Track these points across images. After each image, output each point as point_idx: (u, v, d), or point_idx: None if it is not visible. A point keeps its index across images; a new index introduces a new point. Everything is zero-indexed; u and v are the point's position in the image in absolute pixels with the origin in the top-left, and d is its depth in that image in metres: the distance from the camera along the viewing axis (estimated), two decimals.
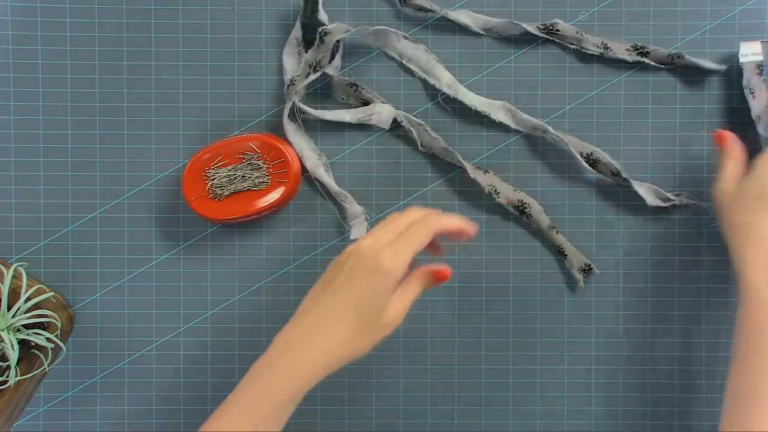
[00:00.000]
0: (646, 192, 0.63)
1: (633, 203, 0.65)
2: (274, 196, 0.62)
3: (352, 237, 0.64)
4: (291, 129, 0.64)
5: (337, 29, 0.62)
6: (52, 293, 0.62)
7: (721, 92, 0.65)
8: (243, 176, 0.62)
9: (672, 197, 0.63)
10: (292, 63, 0.64)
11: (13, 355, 0.58)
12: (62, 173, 0.65)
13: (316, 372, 0.50)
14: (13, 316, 0.59)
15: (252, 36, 0.65)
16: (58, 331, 0.61)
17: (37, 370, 0.61)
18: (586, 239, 0.65)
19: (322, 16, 0.63)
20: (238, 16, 0.65)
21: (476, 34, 0.65)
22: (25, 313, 0.60)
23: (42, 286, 0.62)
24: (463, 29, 0.65)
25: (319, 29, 0.62)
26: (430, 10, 0.64)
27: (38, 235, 0.65)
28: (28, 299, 0.59)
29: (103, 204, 0.66)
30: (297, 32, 0.64)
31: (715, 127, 0.64)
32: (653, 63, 0.64)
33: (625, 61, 0.64)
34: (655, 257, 0.65)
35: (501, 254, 0.65)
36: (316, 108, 0.64)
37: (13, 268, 0.60)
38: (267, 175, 0.62)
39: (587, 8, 0.65)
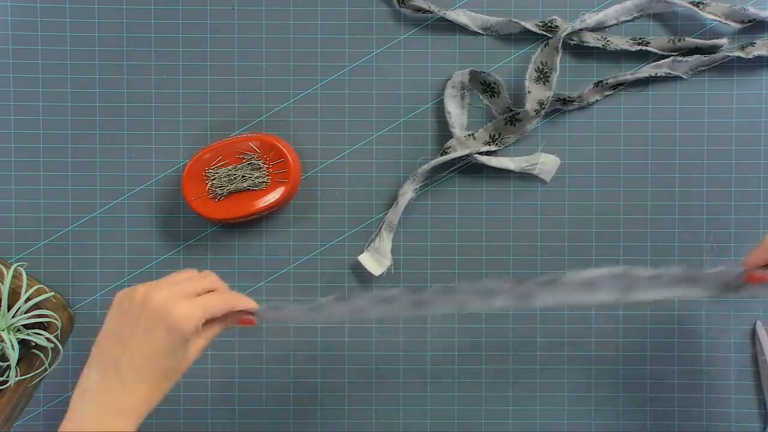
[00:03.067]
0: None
1: (633, 203, 0.65)
2: (274, 196, 0.62)
3: (361, 260, 0.64)
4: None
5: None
6: (52, 293, 0.62)
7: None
8: (243, 176, 0.62)
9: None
10: (454, 107, 0.64)
11: (13, 355, 0.58)
12: (62, 173, 0.65)
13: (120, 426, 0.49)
14: (13, 316, 0.59)
15: (252, 36, 0.65)
16: (58, 331, 0.61)
17: (37, 370, 0.61)
18: (586, 239, 0.65)
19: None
20: (238, 16, 0.65)
21: (475, 34, 0.65)
22: (25, 313, 0.60)
23: (42, 286, 0.62)
24: (462, 29, 0.65)
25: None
26: (428, 11, 0.64)
27: (38, 235, 0.65)
28: (28, 299, 0.60)
29: (103, 204, 0.66)
30: (463, 77, 0.64)
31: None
32: (656, 51, 0.64)
33: (625, 58, 0.64)
34: (655, 257, 0.65)
35: (501, 254, 0.65)
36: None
37: (13, 268, 0.60)
38: (267, 175, 0.62)
39: (587, 8, 0.65)
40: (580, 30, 0.64)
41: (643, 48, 0.64)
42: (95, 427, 0.49)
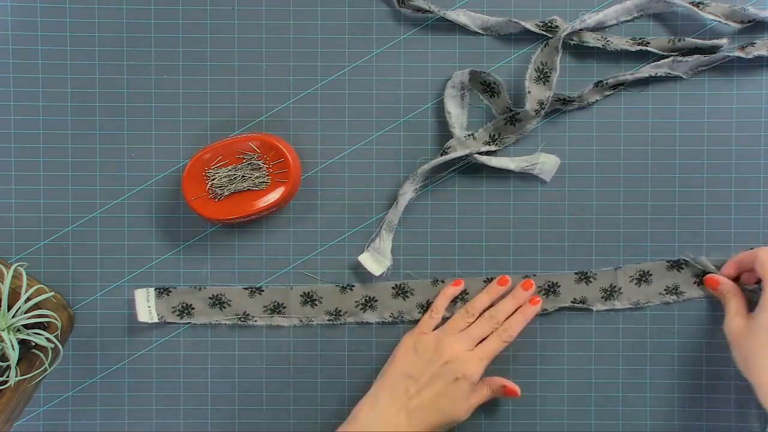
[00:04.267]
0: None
1: (633, 203, 0.65)
2: (274, 196, 0.62)
3: (360, 260, 0.64)
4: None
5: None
6: (52, 293, 0.62)
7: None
8: (243, 176, 0.62)
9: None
10: (454, 108, 0.64)
11: (13, 355, 0.58)
12: (62, 173, 0.65)
13: None
14: (13, 316, 0.59)
15: (252, 36, 0.65)
16: (58, 331, 0.61)
17: (37, 370, 0.61)
18: (586, 239, 0.65)
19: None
20: (238, 16, 0.65)
21: (475, 34, 0.65)
22: (25, 313, 0.60)
23: (42, 286, 0.62)
24: (462, 29, 0.65)
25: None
26: (428, 11, 0.64)
27: (38, 235, 0.65)
28: (28, 299, 0.60)
29: (103, 204, 0.66)
30: (463, 77, 0.64)
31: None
32: (656, 51, 0.64)
33: (625, 58, 0.64)
34: (655, 257, 0.65)
35: (501, 254, 0.65)
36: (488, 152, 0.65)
37: (13, 268, 0.60)
38: (267, 175, 0.62)
39: (587, 8, 0.65)
40: (580, 30, 0.64)
41: (643, 48, 0.64)
42: None
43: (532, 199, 0.65)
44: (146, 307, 0.64)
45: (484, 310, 0.63)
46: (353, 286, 0.65)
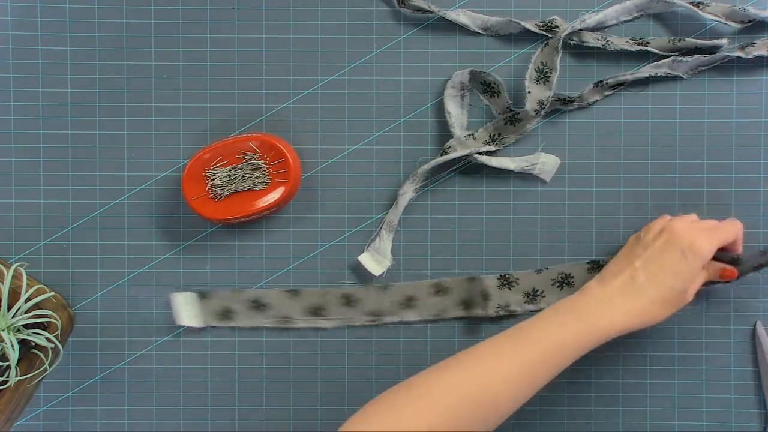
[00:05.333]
0: None
1: (633, 203, 0.65)
2: (274, 196, 0.62)
3: (361, 260, 0.64)
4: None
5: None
6: (52, 293, 0.62)
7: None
8: (243, 176, 0.62)
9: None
10: (454, 108, 0.64)
11: (13, 355, 0.58)
12: (62, 173, 0.65)
13: (609, 331, 0.54)
14: (13, 316, 0.59)
15: (252, 36, 0.65)
16: (58, 331, 0.61)
17: (37, 370, 0.61)
18: (586, 239, 0.65)
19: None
20: (238, 16, 0.65)
21: (475, 34, 0.65)
22: (25, 313, 0.60)
23: (42, 286, 0.62)
24: (462, 29, 0.65)
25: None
26: (428, 11, 0.64)
27: (38, 235, 0.65)
28: (28, 299, 0.59)
29: (103, 204, 0.66)
30: (463, 77, 0.64)
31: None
32: (656, 51, 0.64)
33: (625, 58, 0.64)
34: None
35: (501, 254, 0.65)
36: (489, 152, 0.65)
37: (13, 268, 0.60)
38: (267, 175, 0.62)
39: (587, 8, 0.65)
40: (580, 30, 0.64)
41: (643, 48, 0.64)
42: (605, 315, 0.55)
43: (532, 199, 0.65)
44: (188, 311, 0.64)
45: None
46: (392, 285, 0.65)
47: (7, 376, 0.59)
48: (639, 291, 0.55)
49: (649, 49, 0.64)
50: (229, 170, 0.62)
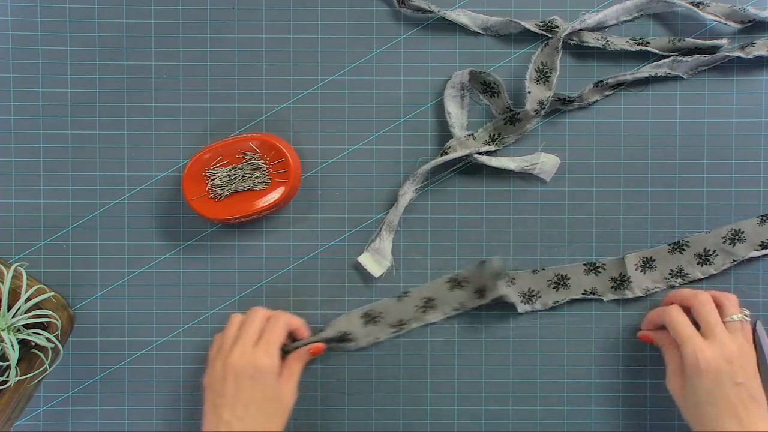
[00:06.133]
0: None
1: (633, 203, 0.65)
2: (274, 196, 0.62)
3: (360, 261, 0.64)
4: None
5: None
6: (52, 293, 0.62)
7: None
8: (243, 176, 0.62)
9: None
10: (454, 108, 0.64)
11: (13, 355, 0.58)
12: (62, 173, 0.65)
13: None
14: (13, 316, 0.59)
15: (252, 36, 0.65)
16: (58, 331, 0.61)
17: (37, 370, 0.61)
18: (586, 239, 0.65)
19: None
20: (238, 16, 0.65)
21: (475, 34, 0.65)
22: (25, 313, 0.60)
23: (42, 286, 0.62)
24: (462, 29, 0.65)
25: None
26: (428, 11, 0.64)
27: (38, 235, 0.65)
28: (28, 299, 0.59)
29: (103, 204, 0.66)
30: (463, 77, 0.64)
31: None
32: (656, 51, 0.64)
33: (625, 58, 0.64)
34: None
35: (501, 254, 0.65)
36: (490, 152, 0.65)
37: (13, 268, 0.60)
38: (267, 175, 0.62)
39: (587, 8, 0.65)
40: (580, 30, 0.64)
41: (643, 48, 0.64)
42: None
43: (532, 199, 0.65)
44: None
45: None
46: (408, 292, 0.65)
47: (7, 376, 0.59)
48: None
49: (649, 49, 0.64)
50: (229, 170, 0.62)
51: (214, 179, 0.62)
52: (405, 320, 0.65)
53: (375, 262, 0.64)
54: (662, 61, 0.64)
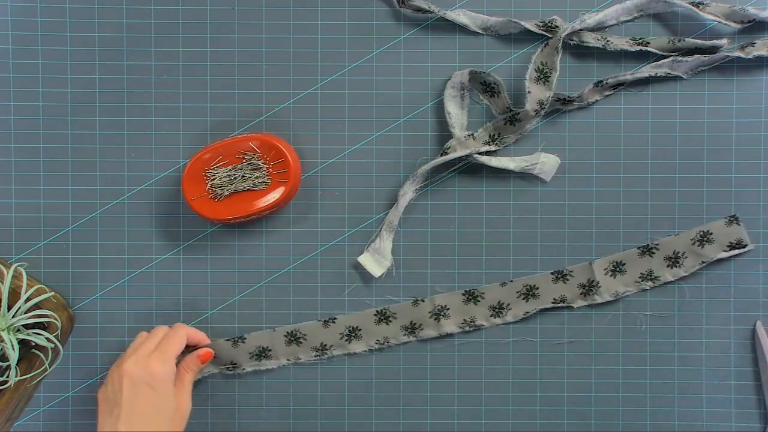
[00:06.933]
0: None
1: (633, 203, 0.65)
2: (274, 196, 0.62)
3: (360, 261, 0.64)
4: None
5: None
6: (52, 293, 0.62)
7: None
8: (243, 176, 0.62)
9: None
10: (454, 108, 0.64)
11: (13, 355, 0.58)
12: (62, 173, 0.65)
13: None
14: (13, 316, 0.59)
15: (252, 36, 0.65)
16: (58, 331, 0.61)
17: (37, 370, 0.61)
18: (586, 239, 0.65)
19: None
20: (238, 16, 0.65)
21: (475, 34, 0.65)
22: (25, 313, 0.60)
23: (42, 286, 0.62)
24: (462, 29, 0.65)
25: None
26: (428, 11, 0.64)
27: (38, 235, 0.65)
28: (28, 299, 0.60)
29: (103, 204, 0.66)
30: (463, 77, 0.64)
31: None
32: (656, 51, 0.64)
33: (625, 58, 0.64)
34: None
35: (501, 254, 0.65)
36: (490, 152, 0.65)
37: (13, 268, 0.60)
38: (267, 175, 0.62)
39: (587, 8, 0.65)
40: (580, 30, 0.64)
41: (643, 48, 0.64)
42: None
43: (532, 199, 0.65)
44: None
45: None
46: (335, 318, 0.65)
47: (7, 376, 0.59)
48: None
49: (649, 49, 0.64)
50: (229, 170, 0.62)
51: (214, 179, 0.62)
52: (328, 345, 0.65)
53: (375, 262, 0.64)
54: (662, 61, 0.64)
